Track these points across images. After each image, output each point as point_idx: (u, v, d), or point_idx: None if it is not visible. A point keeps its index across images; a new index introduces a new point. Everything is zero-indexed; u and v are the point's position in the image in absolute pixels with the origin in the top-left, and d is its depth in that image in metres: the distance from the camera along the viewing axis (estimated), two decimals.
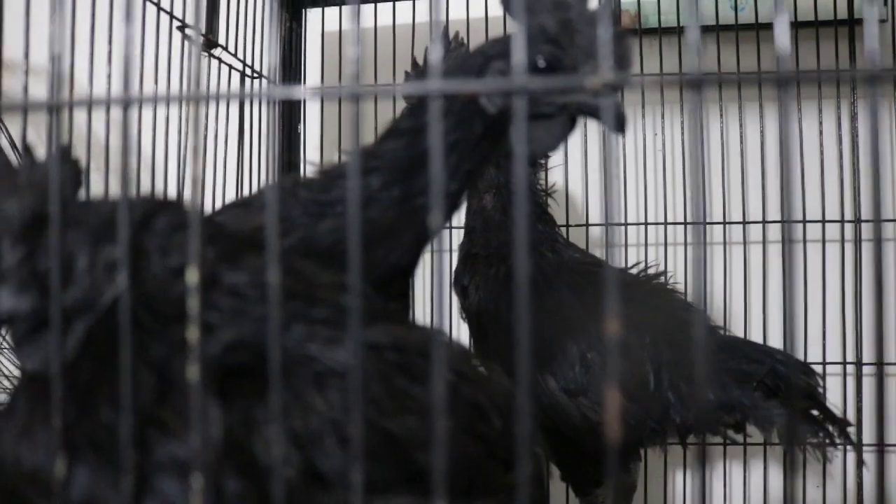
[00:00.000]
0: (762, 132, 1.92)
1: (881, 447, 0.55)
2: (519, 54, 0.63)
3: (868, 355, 1.92)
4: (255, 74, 1.84)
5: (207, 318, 0.65)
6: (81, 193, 0.69)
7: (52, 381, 0.56)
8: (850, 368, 1.94)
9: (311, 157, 2.05)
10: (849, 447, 1.86)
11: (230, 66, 1.77)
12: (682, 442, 1.55)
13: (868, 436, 1.85)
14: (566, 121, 0.99)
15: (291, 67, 2.04)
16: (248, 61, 1.82)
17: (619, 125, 0.93)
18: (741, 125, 1.95)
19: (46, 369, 0.63)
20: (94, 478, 0.62)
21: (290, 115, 2.02)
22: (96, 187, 0.94)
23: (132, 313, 0.60)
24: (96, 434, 0.62)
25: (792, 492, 1.77)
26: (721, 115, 2.04)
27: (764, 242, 1.98)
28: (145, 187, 1.53)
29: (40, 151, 0.69)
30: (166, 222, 0.67)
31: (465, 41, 1.56)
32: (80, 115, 1.34)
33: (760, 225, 1.97)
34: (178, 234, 0.67)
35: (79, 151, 0.74)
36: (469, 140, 0.97)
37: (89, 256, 0.65)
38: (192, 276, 0.54)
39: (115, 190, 0.97)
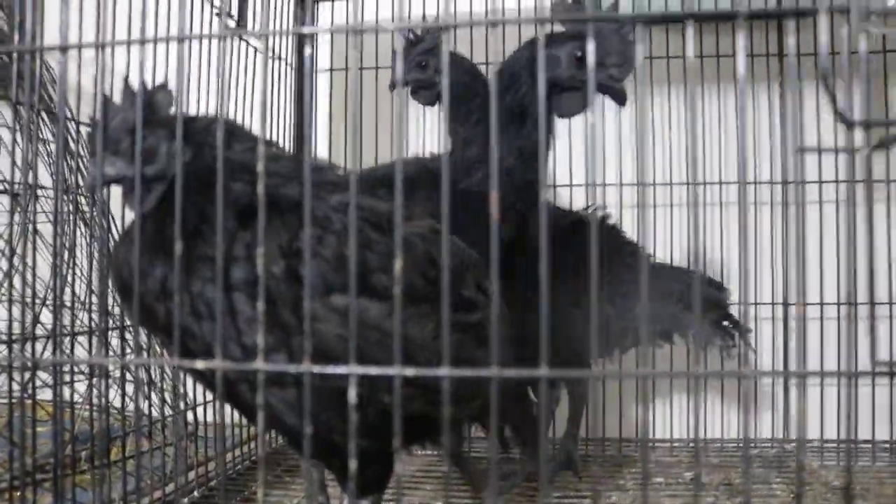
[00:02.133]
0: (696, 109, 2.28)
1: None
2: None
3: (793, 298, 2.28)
4: (276, 56, 2.21)
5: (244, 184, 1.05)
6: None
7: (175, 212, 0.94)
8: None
9: (322, 128, 2.42)
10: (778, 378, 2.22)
11: (255, 49, 2.14)
12: (622, 352, 1.92)
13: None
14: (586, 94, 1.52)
15: (306, 53, 2.40)
16: (270, 45, 2.19)
17: (622, 100, 1.53)
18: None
19: (149, 210, 1.03)
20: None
21: (300, 90, 2.38)
22: None
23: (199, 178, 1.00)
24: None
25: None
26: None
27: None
28: None
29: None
30: (224, 127, 1.05)
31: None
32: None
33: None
34: (229, 137, 1.07)
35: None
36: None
37: (167, 146, 1.08)
38: (261, 149, 0.92)
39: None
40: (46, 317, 1.66)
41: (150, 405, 1.90)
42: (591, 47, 0.87)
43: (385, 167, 1.76)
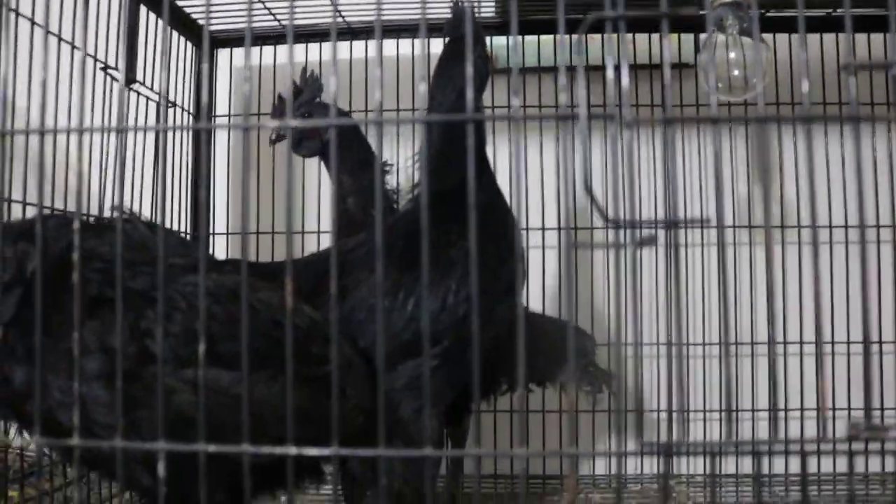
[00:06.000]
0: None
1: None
2: None
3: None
4: (171, 104, 2.24)
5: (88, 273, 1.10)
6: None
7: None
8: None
9: (220, 186, 2.46)
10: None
11: (147, 98, 2.17)
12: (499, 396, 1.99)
13: None
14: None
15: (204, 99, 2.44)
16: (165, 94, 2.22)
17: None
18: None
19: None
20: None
21: (198, 148, 2.41)
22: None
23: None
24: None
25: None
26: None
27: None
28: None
29: None
30: (55, 222, 1.10)
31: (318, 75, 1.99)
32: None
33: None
34: (63, 229, 1.11)
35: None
36: None
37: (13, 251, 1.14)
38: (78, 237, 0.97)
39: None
40: None
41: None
42: None
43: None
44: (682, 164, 2.46)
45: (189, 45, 2.41)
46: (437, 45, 2.30)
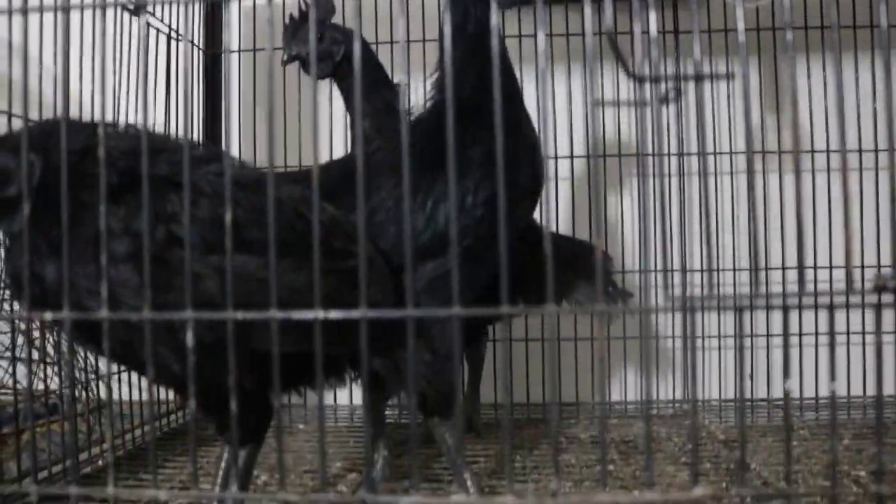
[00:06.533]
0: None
1: None
2: None
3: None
4: (180, 37, 2.23)
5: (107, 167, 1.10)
6: None
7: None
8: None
9: (233, 107, 2.47)
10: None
11: (157, 29, 2.17)
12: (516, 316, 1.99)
13: None
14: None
15: (215, 34, 2.44)
16: (175, 26, 2.22)
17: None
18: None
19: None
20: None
21: (213, 69, 2.42)
22: None
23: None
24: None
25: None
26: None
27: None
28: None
29: None
30: (66, 124, 1.10)
31: None
32: None
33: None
34: (79, 133, 1.12)
35: None
36: None
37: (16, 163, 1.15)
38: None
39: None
40: None
41: (46, 380, 1.95)
42: None
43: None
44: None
45: None
46: None
